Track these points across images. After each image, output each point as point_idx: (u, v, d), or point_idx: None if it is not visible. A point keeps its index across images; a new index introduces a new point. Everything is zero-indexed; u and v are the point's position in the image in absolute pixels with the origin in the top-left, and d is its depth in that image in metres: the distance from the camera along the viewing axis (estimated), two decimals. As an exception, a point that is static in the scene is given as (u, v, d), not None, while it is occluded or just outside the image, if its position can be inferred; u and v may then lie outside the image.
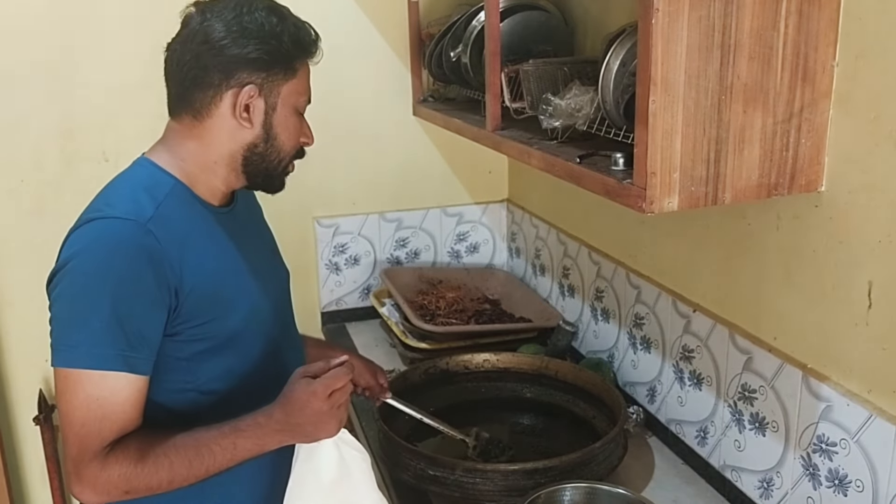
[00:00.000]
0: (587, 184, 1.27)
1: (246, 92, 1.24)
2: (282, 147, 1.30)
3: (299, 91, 1.29)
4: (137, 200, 1.20)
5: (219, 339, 1.26)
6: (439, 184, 2.43)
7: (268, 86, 1.25)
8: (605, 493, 1.41)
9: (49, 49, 2.03)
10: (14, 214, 2.09)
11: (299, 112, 1.31)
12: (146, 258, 1.15)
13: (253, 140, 1.27)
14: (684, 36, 1.06)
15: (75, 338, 1.14)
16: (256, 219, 1.50)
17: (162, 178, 1.25)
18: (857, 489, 1.22)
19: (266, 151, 1.29)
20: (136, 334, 1.15)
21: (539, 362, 1.87)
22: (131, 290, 1.15)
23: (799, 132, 1.18)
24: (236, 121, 1.25)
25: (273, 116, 1.27)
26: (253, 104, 1.25)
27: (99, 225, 1.17)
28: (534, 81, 1.51)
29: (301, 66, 1.29)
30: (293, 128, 1.30)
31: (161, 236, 1.18)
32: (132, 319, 1.15)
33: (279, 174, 1.33)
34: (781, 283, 1.35)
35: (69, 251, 1.17)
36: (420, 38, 2.21)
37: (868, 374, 1.19)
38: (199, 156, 1.27)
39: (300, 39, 1.27)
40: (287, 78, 1.27)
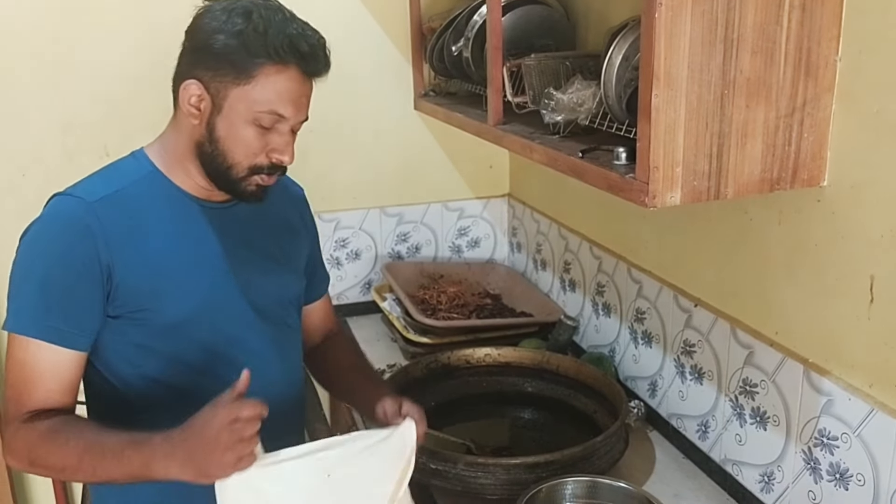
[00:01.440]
0: (590, 178, 1.27)
1: (190, 85, 1.18)
2: (227, 154, 1.20)
3: (258, 100, 1.16)
4: (98, 183, 1.23)
5: (157, 328, 1.23)
6: (440, 178, 2.43)
7: (214, 85, 1.17)
8: (606, 487, 1.41)
9: (50, 43, 2.03)
10: (16, 209, 2.09)
11: (260, 125, 1.18)
12: (80, 233, 1.17)
13: (199, 138, 1.22)
14: (687, 30, 1.06)
15: (12, 303, 1.19)
16: (270, 222, 1.38)
17: (140, 166, 1.26)
18: (859, 483, 1.22)
19: (212, 153, 1.21)
20: (64, 307, 1.17)
21: (540, 357, 1.87)
22: (59, 262, 1.17)
23: (801, 127, 1.18)
24: (187, 114, 1.21)
25: (217, 119, 1.19)
26: (202, 101, 1.19)
27: (53, 201, 1.23)
28: (536, 76, 1.51)
29: (262, 71, 1.15)
30: (246, 139, 1.19)
31: (105, 216, 1.19)
32: (60, 291, 1.17)
33: (235, 182, 1.23)
34: (783, 278, 1.35)
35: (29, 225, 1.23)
36: (421, 32, 2.21)
37: (870, 368, 1.20)
38: (174, 146, 1.26)
39: (269, 43, 1.15)
40: (238, 81, 1.16)
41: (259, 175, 1.23)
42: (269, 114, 1.18)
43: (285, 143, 1.22)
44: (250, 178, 1.23)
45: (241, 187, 1.24)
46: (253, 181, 1.24)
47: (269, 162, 1.22)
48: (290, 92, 1.18)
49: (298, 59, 1.17)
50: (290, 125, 1.21)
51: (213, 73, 1.17)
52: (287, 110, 1.19)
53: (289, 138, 1.23)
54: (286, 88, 1.18)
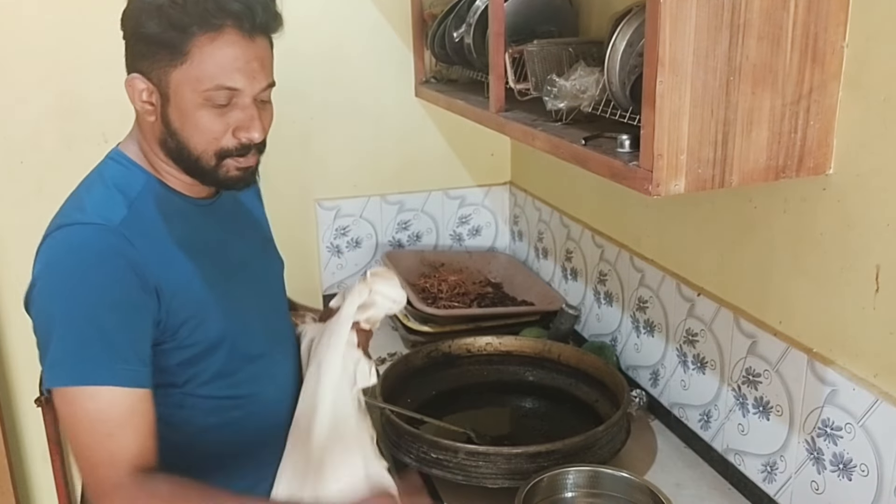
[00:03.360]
0: (593, 166, 1.26)
1: (133, 80, 1.09)
2: (189, 144, 1.10)
3: (200, 78, 1.05)
4: (109, 201, 1.11)
5: (205, 342, 1.16)
6: (441, 166, 2.41)
7: (156, 73, 1.07)
8: (607, 476, 1.41)
9: (47, 29, 2.01)
10: (14, 195, 2.08)
11: (214, 104, 1.07)
12: (123, 263, 1.07)
13: (160, 135, 1.12)
14: (693, 15, 1.04)
15: (60, 354, 1.04)
16: (245, 209, 1.37)
17: (134, 174, 1.16)
18: (862, 473, 1.21)
19: (177, 147, 1.12)
20: (123, 345, 1.05)
21: (542, 346, 1.86)
22: (111, 298, 1.06)
23: (808, 114, 1.16)
24: (142, 112, 1.12)
25: (169, 109, 1.09)
26: (151, 94, 1.09)
27: (70, 232, 1.09)
28: (538, 62, 1.49)
29: (194, 44, 1.04)
30: (203, 124, 1.08)
31: (135, 238, 1.09)
32: (118, 327, 1.05)
33: (211, 172, 1.13)
34: (787, 267, 1.33)
35: (42, 263, 1.09)
36: (422, 18, 2.19)
37: (874, 358, 1.19)
38: (147, 146, 1.16)
39: (191, 11, 1.03)
40: (174, 63, 1.05)
41: (231, 158, 1.13)
42: (217, 90, 1.06)
43: (249, 117, 1.10)
44: (223, 164, 1.13)
45: (219, 176, 1.14)
46: (228, 166, 1.13)
47: (239, 142, 1.12)
48: (234, 59, 1.06)
49: (232, 18, 1.04)
50: (248, 96, 1.09)
51: (151, 60, 1.07)
52: (236, 80, 1.07)
53: (252, 111, 1.11)
54: (228, 56, 1.05)
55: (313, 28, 2.15)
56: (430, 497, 1.22)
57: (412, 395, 1.75)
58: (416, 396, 1.76)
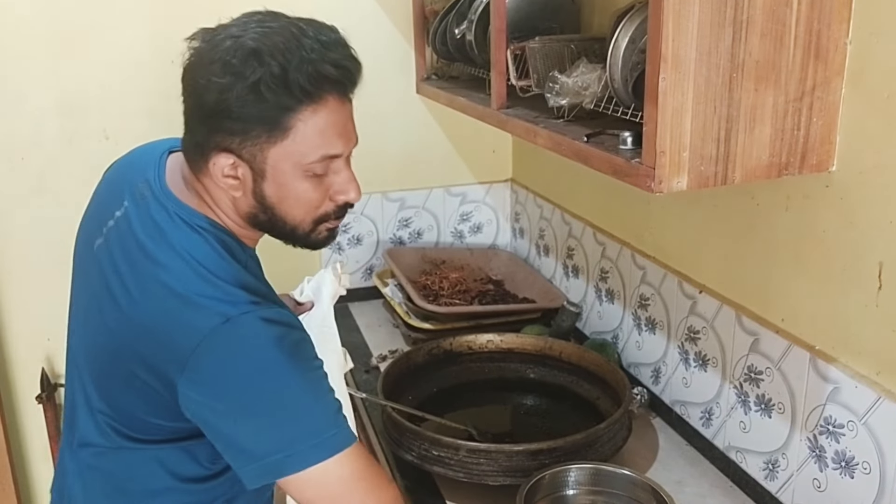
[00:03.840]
0: (595, 163, 1.25)
1: (219, 159, 1.01)
2: (286, 217, 1.07)
3: (304, 152, 1.01)
4: (236, 273, 1.04)
5: None
6: (443, 163, 2.41)
7: (248, 149, 1.00)
8: (609, 474, 1.41)
9: (50, 26, 2.01)
10: (15, 192, 2.08)
11: (314, 174, 1.04)
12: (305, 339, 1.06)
13: (249, 209, 1.07)
14: (696, 11, 1.04)
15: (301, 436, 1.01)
16: None
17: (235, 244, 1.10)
18: (864, 471, 1.21)
19: (270, 220, 1.07)
20: (330, 408, 1.05)
21: (543, 343, 1.86)
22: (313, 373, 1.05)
23: (811, 111, 1.16)
24: (226, 188, 1.05)
25: (264, 185, 1.03)
26: (237, 168, 1.02)
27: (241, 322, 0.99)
28: (540, 59, 1.49)
29: (298, 118, 0.99)
30: (303, 195, 1.04)
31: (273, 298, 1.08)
32: (322, 397, 1.04)
33: (304, 237, 1.11)
34: (790, 265, 1.33)
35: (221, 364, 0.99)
36: (423, 14, 2.19)
37: (877, 355, 1.18)
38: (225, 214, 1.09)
39: (294, 84, 0.96)
40: (273, 140, 0.99)
41: (327, 222, 1.12)
42: (321, 161, 1.04)
43: (347, 179, 1.08)
44: (318, 229, 1.12)
45: (311, 240, 1.13)
46: (322, 230, 1.12)
47: (336, 206, 1.11)
48: (335, 126, 1.03)
49: (332, 87, 1.02)
50: (344, 157, 1.09)
51: (242, 137, 0.99)
52: (338, 147, 1.05)
53: (349, 173, 1.09)
54: (329, 125, 1.02)
55: (314, 25, 2.14)
56: None
57: (413, 393, 1.75)
58: (417, 394, 1.76)
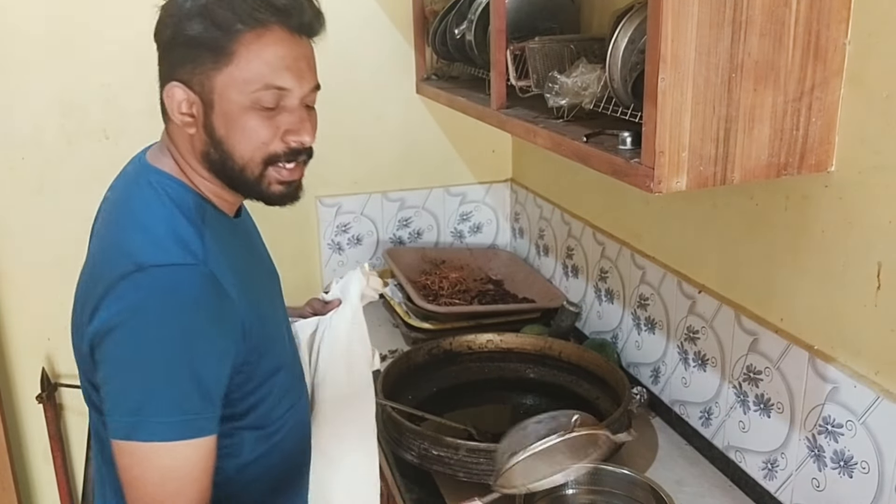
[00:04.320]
0: (594, 163, 1.26)
1: (172, 89, 1.02)
2: (234, 153, 1.03)
3: (248, 78, 1.00)
4: (180, 231, 1.02)
5: (269, 370, 1.11)
6: (442, 163, 2.41)
7: (197, 79, 1.00)
8: (608, 473, 1.41)
9: (50, 26, 2.01)
10: (15, 192, 2.08)
11: (262, 106, 1.02)
12: (213, 306, 1.00)
13: (202, 147, 1.05)
14: (695, 11, 1.04)
15: (138, 406, 0.96)
16: (252, 222, 1.31)
17: (184, 194, 1.06)
18: (863, 471, 1.21)
19: (221, 159, 1.04)
20: (206, 395, 0.99)
21: (542, 343, 1.86)
22: (204, 346, 0.99)
23: (810, 111, 1.16)
24: (182, 125, 1.04)
25: (213, 117, 1.02)
26: (192, 105, 1.02)
27: (156, 274, 0.98)
28: (539, 59, 1.49)
29: (241, 42, 0.99)
30: (250, 128, 1.02)
31: (221, 274, 1.01)
32: (210, 378, 0.99)
33: (255, 184, 1.06)
34: (789, 264, 1.33)
35: (120, 306, 0.97)
36: (424, 14, 2.19)
37: (876, 355, 1.19)
38: (187, 167, 1.08)
39: (238, 7, 0.98)
40: (218, 66, 0.99)
41: (276, 166, 1.06)
42: (266, 90, 1.01)
43: (298, 119, 1.05)
44: (268, 174, 1.06)
45: (262, 189, 1.07)
46: (271, 178, 1.06)
47: (287, 147, 1.06)
48: (282, 57, 1.01)
49: (279, 15, 1.00)
50: (297, 97, 1.05)
51: (192, 65, 1.00)
52: (285, 79, 1.02)
53: (301, 113, 1.06)
54: (275, 54, 1.01)
55: (314, 25, 2.15)
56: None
57: (413, 392, 1.75)
58: (417, 393, 1.76)
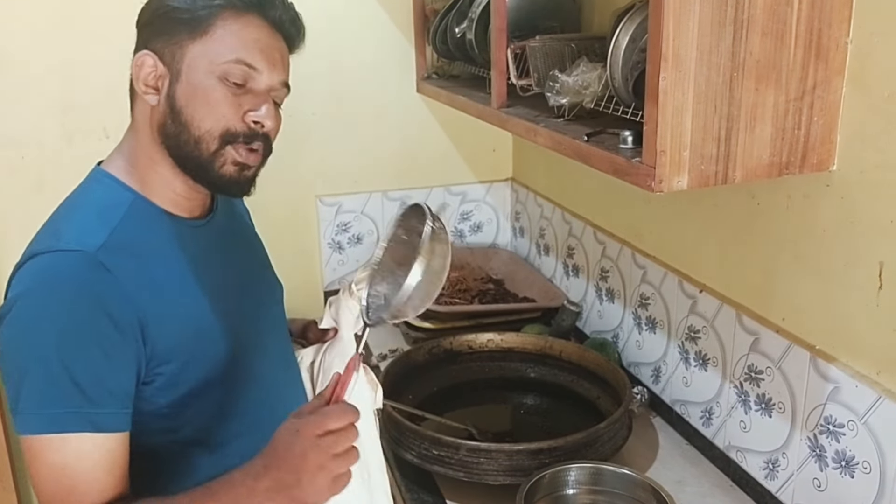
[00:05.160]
0: (595, 162, 1.25)
1: (142, 57, 1.04)
2: (192, 123, 1.03)
3: (220, 51, 1.02)
4: (87, 226, 1.02)
5: (199, 381, 1.07)
6: (443, 162, 2.41)
7: (170, 49, 1.03)
8: (609, 473, 1.41)
9: (50, 24, 2.01)
10: (15, 191, 2.08)
11: (230, 80, 1.03)
12: (95, 297, 0.97)
13: (160, 119, 1.04)
14: (696, 10, 1.04)
15: (26, 399, 0.96)
16: (240, 228, 1.29)
17: (118, 195, 1.06)
18: (865, 471, 1.21)
19: (177, 132, 1.03)
20: (96, 386, 0.96)
21: (543, 342, 1.86)
22: (80, 337, 0.96)
23: (811, 110, 1.16)
24: (143, 94, 1.05)
25: (177, 87, 1.03)
26: (159, 78, 1.04)
27: (42, 261, 0.99)
28: (540, 58, 1.49)
29: (219, 18, 1.03)
30: (213, 98, 1.02)
31: (115, 266, 0.99)
32: (87, 370, 0.96)
33: (209, 162, 1.04)
34: (790, 264, 1.33)
35: (10, 295, 0.99)
36: (424, 13, 2.19)
37: (877, 355, 1.18)
38: (138, 153, 1.07)
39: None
40: (195, 36, 1.02)
41: (233, 146, 1.04)
42: (236, 63, 1.03)
43: (262, 101, 1.05)
44: (224, 153, 1.04)
45: (215, 169, 1.05)
46: (227, 156, 1.05)
47: (246, 127, 1.05)
48: (257, 41, 1.04)
49: (259, 5, 1.05)
50: (265, 82, 1.05)
51: (167, 38, 1.03)
52: (257, 59, 1.04)
53: (267, 98, 1.06)
54: (250, 36, 1.04)
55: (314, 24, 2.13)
56: None
57: (413, 392, 1.75)
58: (417, 393, 1.76)
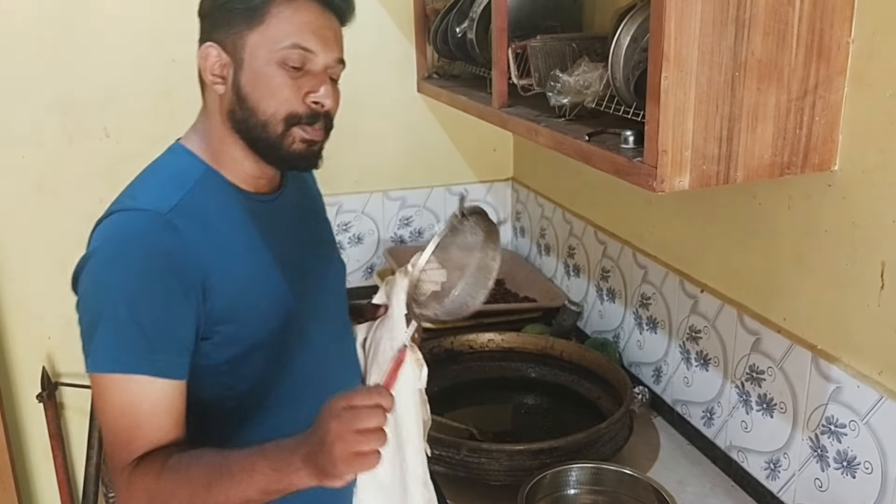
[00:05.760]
0: (596, 162, 1.25)
1: (207, 49, 1.11)
2: (258, 109, 1.10)
3: (277, 38, 1.08)
4: (162, 190, 1.10)
5: (250, 343, 1.13)
6: (444, 162, 2.41)
7: (231, 40, 1.09)
8: (610, 473, 1.41)
9: (51, 24, 2.01)
10: (15, 191, 2.08)
11: (288, 65, 1.09)
12: (164, 253, 1.06)
13: (229, 106, 1.12)
14: (698, 10, 1.04)
15: (97, 341, 1.05)
16: (310, 207, 1.36)
17: (191, 165, 1.15)
18: (866, 471, 1.21)
19: (245, 117, 1.11)
20: (159, 335, 1.05)
21: (544, 342, 1.86)
22: (148, 289, 1.05)
23: (813, 110, 1.16)
24: (212, 84, 1.12)
25: (241, 74, 1.10)
26: (224, 67, 1.10)
27: (119, 218, 1.09)
28: (541, 58, 1.49)
29: (273, 6, 1.09)
30: (275, 84, 1.09)
31: (184, 227, 1.07)
32: (153, 319, 1.05)
33: (277, 143, 1.12)
34: (792, 264, 1.33)
35: (92, 247, 1.09)
36: (425, 13, 2.18)
37: (879, 355, 1.18)
38: (211, 133, 1.16)
39: None
40: (252, 25, 1.08)
41: (299, 126, 1.12)
42: (293, 48, 1.09)
43: (320, 82, 1.11)
44: (291, 133, 1.12)
45: (284, 148, 1.12)
46: (295, 135, 1.12)
47: (308, 108, 1.11)
48: (310, 23, 1.10)
49: None
50: (322, 62, 1.11)
51: (227, 28, 1.09)
52: (311, 42, 1.09)
53: (324, 78, 1.12)
54: (304, 19, 1.09)
55: (315, 23, 2.14)
56: None
57: (414, 392, 1.75)
58: (418, 393, 1.76)
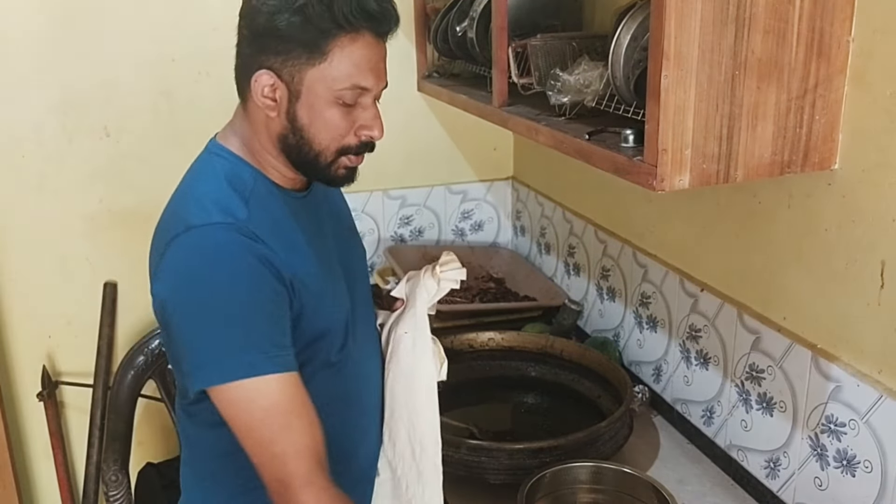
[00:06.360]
0: (596, 161, 1.25)
1: (261, 76, 1.10)
2: (313, 141, 1.14)
3: (337, 77, 1.09)
4: (228, 199, 1.12)
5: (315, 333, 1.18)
6: (444, 161, 2.41)
7: (288, 70, 1.10)
8: (610, 472, 1.41)
9: (50, 23, 2.01)
10: (15, 190, 2.08)
11: (343, 102, 1.12)
12: (259, 257, 1.09)
13: (280, 130, 1.14)
14: (698, 9, 1.04)
15: (218, 354, 1.06)
16: (335, 198, 1.39)
17: (241, 170, 1.17)
18: (866, 470, 1.21)
19: (298, 143, 1.14)
20: (276, 334, 1.09)
21: (544, 341, 1.86)
22: (257, 291, 1.08)
23: (813, 109, 1.16)
24: (263, 107, 1.13)
25: (297, 106, 1.12)
26: (276, 90, 1.11)
27: (203, 232, 1.09)
28: (542, 56, 1.49)
29: (336, 44, 1.08)
30: (331, 121, 1.12)
31: (262, 233, 1.11)
32: (268, 320, 1.08)
33: (324, 168, 1.17)
34: (792, 263, 1.33)
35: (175, 267, 1.09)
36: (425, 12, 2.18)
37: (879, 354, 1.18)
38: (253, 140, 1.17)
39: (337, 12, 1.07)
40: (312, 62, 1.09)
41: (347, 156, 1.17)
42: (351, 89, 1.11)
43: (372, 116, 1.16)
44: (338, 161, 1.17)
45: (329, 173, 1.18)
46: (341, 164, 1.18)
47: (359, 140, 1.16)
48: (368, 60, 1.11)
49: (370, 22, 1.10)
50: (373, 95, 1.15)
51: (284, 57, 1.09)
52: (368, 80, 1.12)
53: (375, 111, 1.16)
54: (363, 57, 1.11)
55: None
56: None
57: (414, 391, 1.75)
58: (418, 392, 1.76)
